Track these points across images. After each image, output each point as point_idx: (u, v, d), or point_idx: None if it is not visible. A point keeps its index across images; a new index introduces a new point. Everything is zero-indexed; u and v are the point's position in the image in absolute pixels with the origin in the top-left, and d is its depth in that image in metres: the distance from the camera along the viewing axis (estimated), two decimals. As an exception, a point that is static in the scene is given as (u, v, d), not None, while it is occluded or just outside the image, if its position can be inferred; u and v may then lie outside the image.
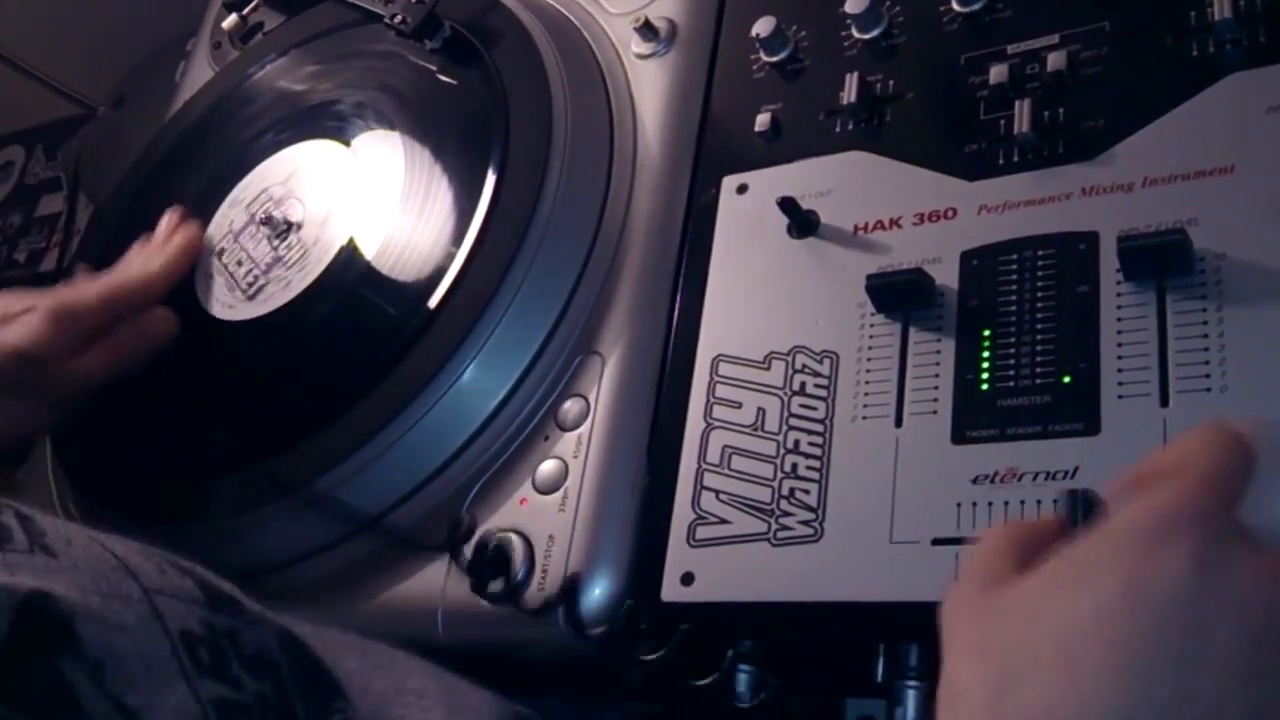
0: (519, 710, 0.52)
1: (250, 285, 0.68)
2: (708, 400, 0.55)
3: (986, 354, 0.50)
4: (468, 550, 0.55)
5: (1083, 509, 0.38)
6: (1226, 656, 0.31)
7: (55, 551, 0.39)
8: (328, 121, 0.73)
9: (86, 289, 0.67)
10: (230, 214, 0.73)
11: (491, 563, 0.53)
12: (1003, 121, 0.55)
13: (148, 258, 0.71)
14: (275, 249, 0.69)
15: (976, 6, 0.59)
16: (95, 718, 0.35)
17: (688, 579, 0.51)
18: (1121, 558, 0.33)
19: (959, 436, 0.49)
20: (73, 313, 0.65)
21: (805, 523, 0.50)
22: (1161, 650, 0.31)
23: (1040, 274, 0.50)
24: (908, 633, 0.47)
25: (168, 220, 0.73)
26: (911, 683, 0.49)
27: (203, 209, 0.75)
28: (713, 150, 0.64)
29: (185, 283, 0.70)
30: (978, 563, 0.38)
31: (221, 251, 0.72)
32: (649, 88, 0.67)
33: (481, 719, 0.50)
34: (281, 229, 0.69)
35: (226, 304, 0.69)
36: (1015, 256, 0.51)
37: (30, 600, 0.36)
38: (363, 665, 0.49)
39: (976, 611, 0.35)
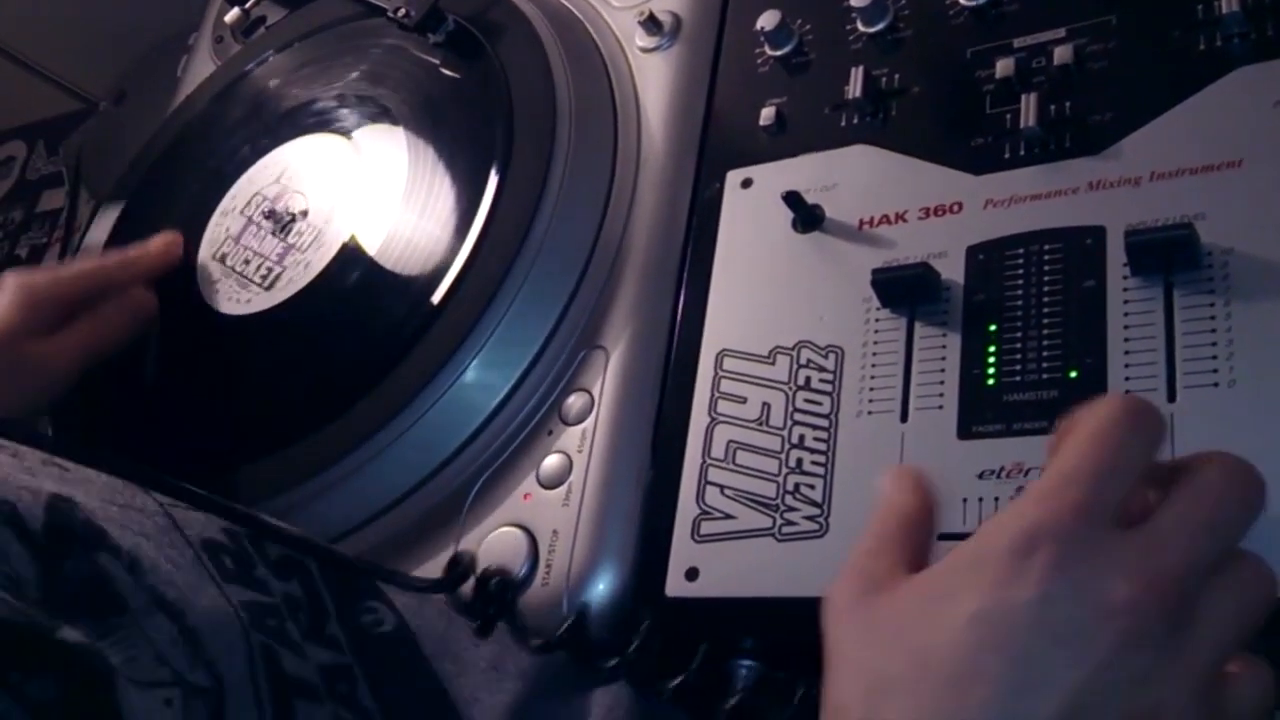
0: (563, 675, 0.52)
1: (266, 276, 0.68)
2: (712, 395, 0.55)
3: (992, 349, 0.50)
4: (467, 589, 0.53)
5: None
6: (1062, 687, 0.30)
7: (65, 466, 0.39)
8: (330, 116, 0.73)
9: (61, 268, 0.67)
10: (230, 208, 0.73)
11: (496, 599, 0.52)
12: (1009, 115, 0.55)
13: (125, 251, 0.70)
14: (285, 239, 0.69)
15: (983, 0, 0.59)
16: (136, 605, 0.35)
17: (692, 574, 0.51)
18: (979, 578, 0.33)
19: (965, 432, 0.48)
20: (42, 290, 0.64)
21: (810, 518, 0.50)
22: (994, 674, 0.31)
23: (1047, 269, 0.50)
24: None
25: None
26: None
27: (204, 204, 0.75)
28: (717, 144, 0.64)
29: (188, 288, 0.70)
30: (862, 555, 0.38)
31: (224, 256, 0.71)
32: (653, 82, 0.67)
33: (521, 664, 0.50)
34: (287, 220, 0.69)
35: (241, 300, 0.68)
36: (1021, 251, 0.51)
37: (56, 502, 0.36)
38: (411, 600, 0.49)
39: (853, 621, 0.36)
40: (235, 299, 0.68)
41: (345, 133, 0.71)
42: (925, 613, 0.34)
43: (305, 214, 0.69)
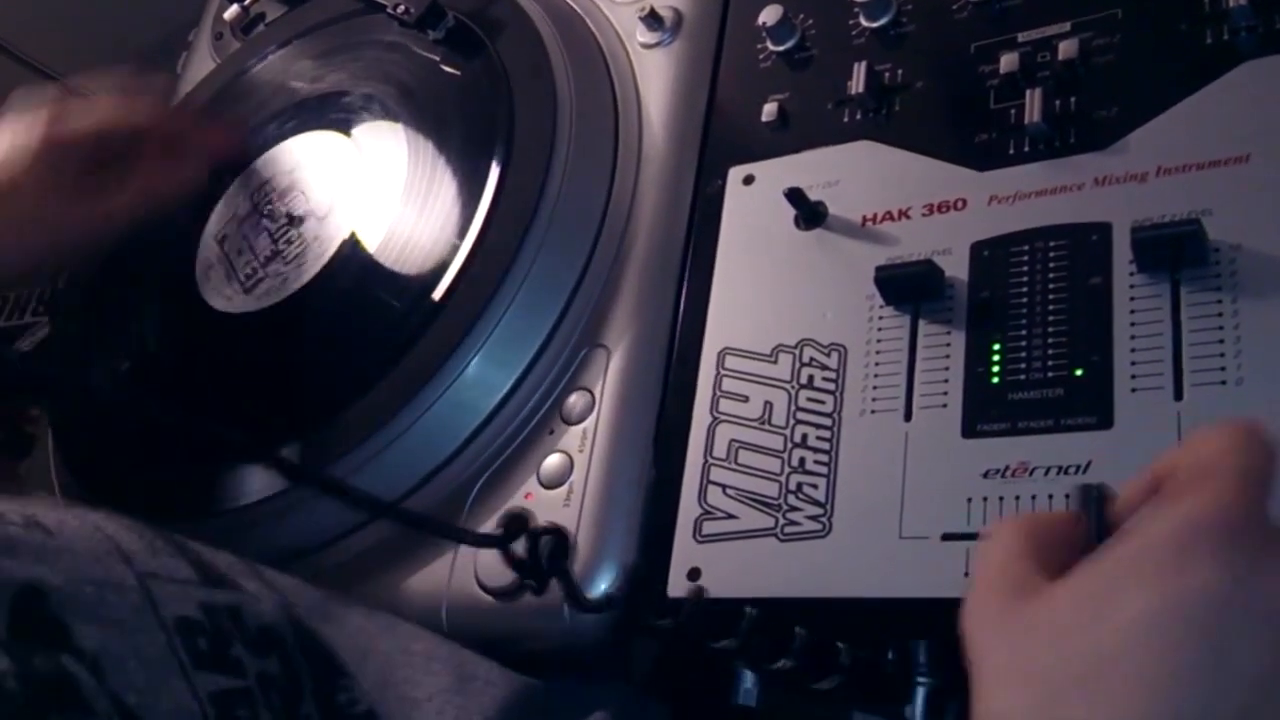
0: (528, 681, 0.52)
1: (248, 278, 0.68)
2: (714, 394, 0.54)
3: (997, 347, 0.49)
4: (519, 548, 0.52)
5: (1096, 504, 0.37)
6: (1258, 667, 0.30)
7: (50, 529, 0.38)
8: (330, 113, 0.72)
9: (77, 115, 0.63)
10: (234, 203, 0.73)
11: (551, 556, 0.51)
12: (1013, 111, 0.55)
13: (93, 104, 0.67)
14: (275, 243, 0.68)
15: (986, -6, 0.58)
16: (98, 713, 0.34)
17: (694, 574, 0.51)
18: (1150, 572, 0.32)
19: (969, 430, 0.48)
20: (71, 147, 0.62)
21: (813, 518, 0.49)
22: (1192, 665, 0.30)
23: (1052, 265, 0.50)
24: (917, 629, 0.47)
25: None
26: (920, 679, 0.49)
27: (204, 201, 0.74)
28: (719, 141, 0.63)
29: (187, 288, 0.70)
30: (995, 568, 0.36)
31: (224, 239, 0.71)
32: (654, 77, 0.66)
33: (492, 689, 0.50)
34: (283, 222, 0.69)
35: (225, 295, 0.68)
36: (1026, 248, 0.51)
37: (23, 593, 0.35)
38: (367, 624, 0.48)
39: (1005, 628, 0.34)
40: (234, 297, 0.68)
41: (345, 129, 0.71)
42: (1090, 613, 0.32)
43: (305, 211, 0.69)
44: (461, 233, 0.60)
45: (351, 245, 0.65)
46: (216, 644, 0.40)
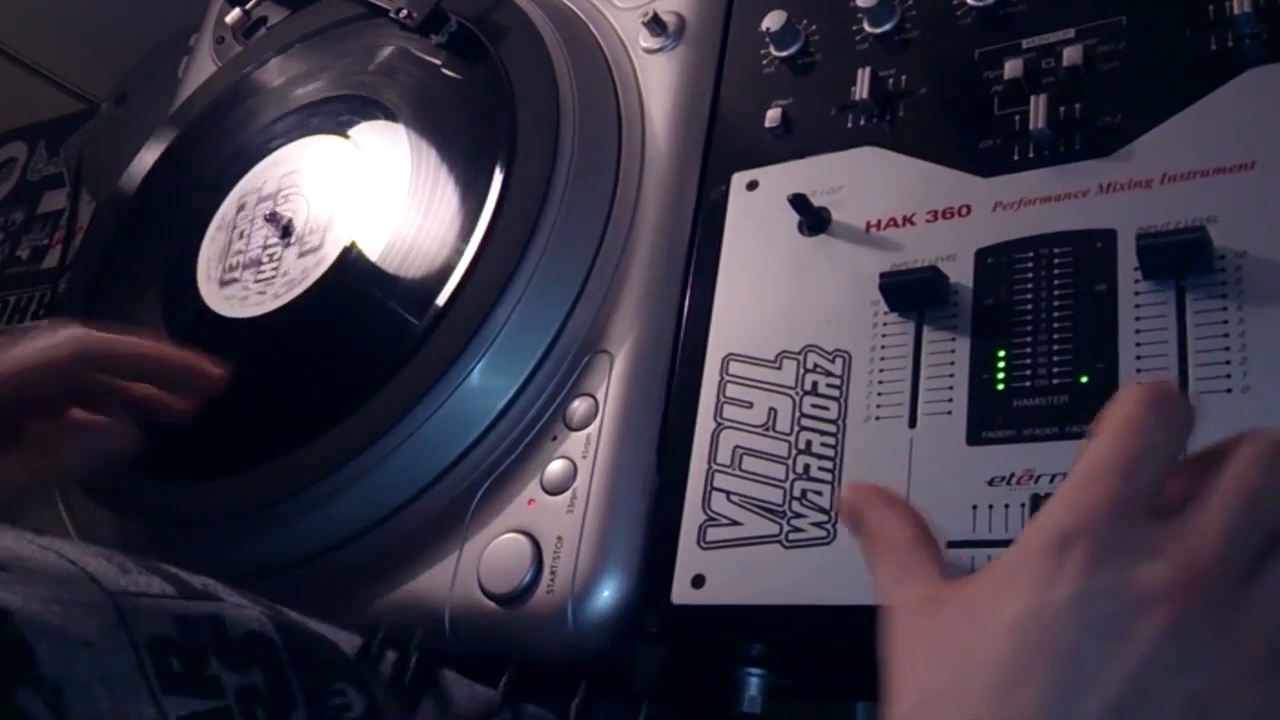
0: (532, 710, 0.51)
1: (250, 283, 0.68)
2: (718, 400, 0.54)
3: (1002, 353, 0.49)
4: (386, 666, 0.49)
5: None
6: (1109, 683, 0.30)
7: (5, 565, 0.37)
8: (332, 118, 0.72)
9: (31, 357, 0.54)
10: (236, 207, 0.73)
11: (416, 673, 0.49)
12: (1018, 117, 0.54)
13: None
14: (277, 248, 0.68)
15: (991, 0, 0.58)
16: None
17: (698, 581, 0.50)
18: (1023, 582, 0.32)
19: (974, 437, 0.48)
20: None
21: (818, 524, 0.49)
22: (1038, 676, 0.30)
23: (1057, 272, 0.50)
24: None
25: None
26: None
27: (204, 205, 0.74)
28: (722, 146, 0.63)
29: (191, 291, 0.70)
30: (894, 584, 0.37)
31: (226, 244, 0.71)
32: (657, 83, 0.66)
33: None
34: (285, 227, 0.68)
35: (228, 300, 0.68)
36: (1031, 254, 0.51)
37: None
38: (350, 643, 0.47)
39: (908, 639, 0.35)
40: (237, 302, 0.68)
41: (347, 135, 0.71)
42: (970, 621, 0.33)
43: (307, 217, 0.69)
44: (465, 238, 0.60)
45: (354, 251, 0.65)
46: (191, 662, 0.38)
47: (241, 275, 0.69)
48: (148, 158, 0.83)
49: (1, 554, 0.38)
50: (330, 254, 0.65)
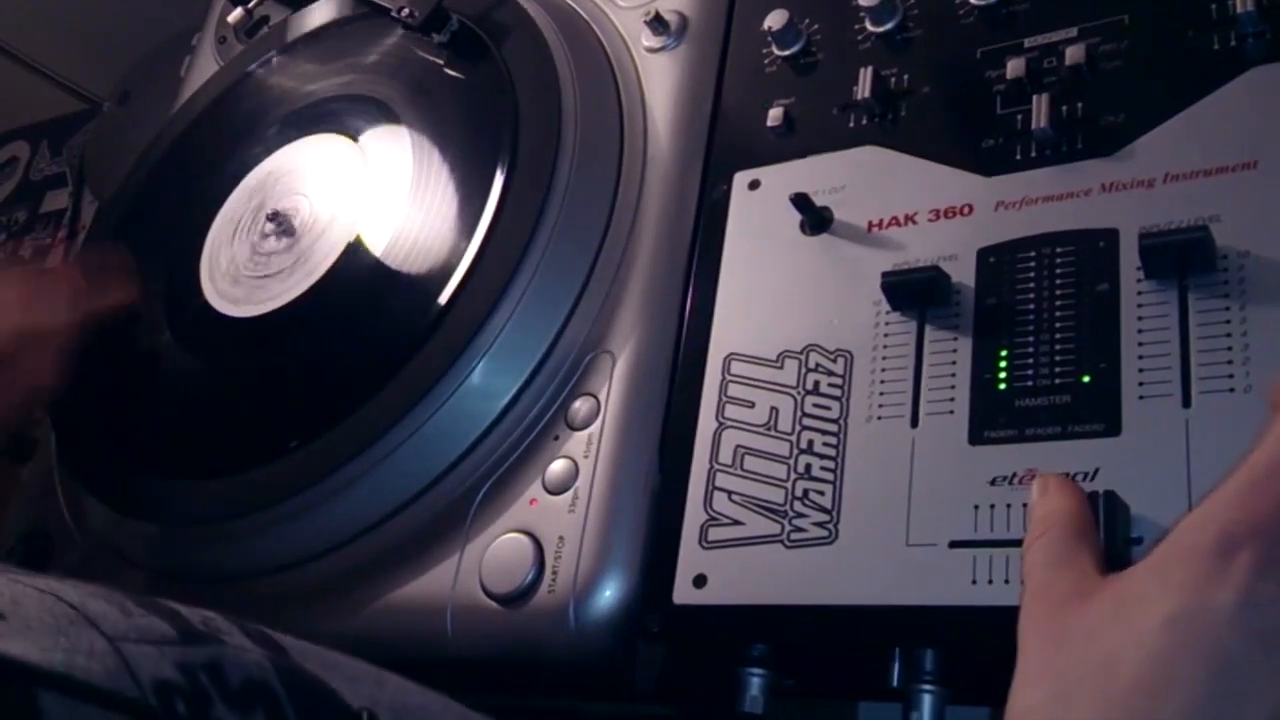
0: None
1: (254, 282, 0.68)
2: (720, 399, 0.54)
3: (1004, 353, 0.49)
4: None
5: (1105, 512, 0.37)
6: (1270, 698, 0.29)
7: (3, 613, 0.36)
8: (334, 117, 0.72)
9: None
10: (239, 207, 0.73)
11: None
12: (1020, 116, 0.54)
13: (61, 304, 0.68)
14: (279, 247, 0.68)
15: (993, -1, 0.58)
16: None
17: (700, 581, 0.50)
18: (1178, 581, 0.31)
19: (977, 437, 0.48)
20: None
21: (820, 524, 0.49)
22: (1192, 679, 0.30)
23: (1059, 272, 0.50)
24: (924, 637, 0.47)
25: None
26: (927, 687, 0.49)
27: (207, 205, 0.74)
28: (724, 145, 0.63)
29: (193, 291, 0.70)
30: (1045, 571, 0.36)
31: (229, 243, 0.71)
32: (659, 82, 0.66)
33: None
34: (287, 226, 0.68)
35: (230, 299, 0.68)
36: (1033, 254, 0.51)
37: None
38: (379, 694, 0.47)
39: (1048, 631, 0.35)
40: (238, 301, 0.68)
41: (349, 134, 0.71)
42: (1117, 616, 0.32)
43: (310, 216, 0.69)
44: (466, 238, 0.60)
45: (356, 250, 0.65)
46: (195, 707, 0.38)
47: (243, 274, 0.69)
48: (149, 158, 0.83)
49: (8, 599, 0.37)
50: (332, 253, 0.65)
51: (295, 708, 0.41)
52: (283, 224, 0.69)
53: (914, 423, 0.49)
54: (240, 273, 0.69)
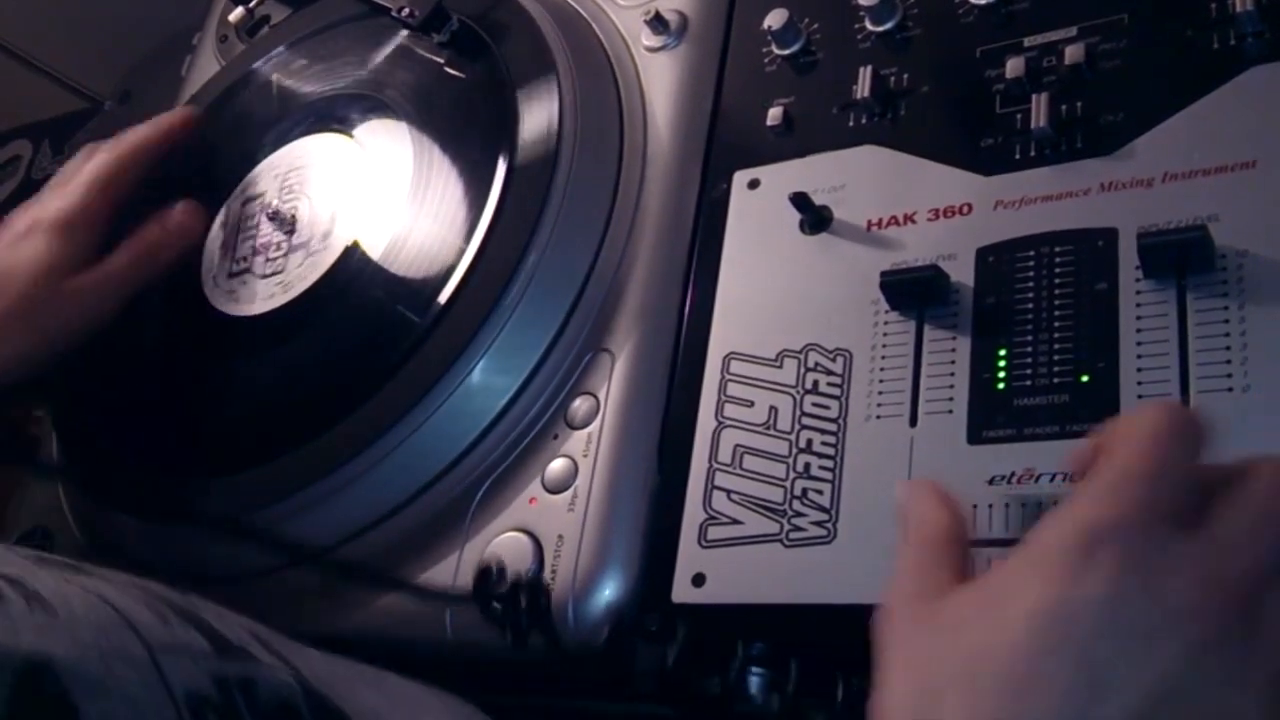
0: None
1: (253, 282, 0.68)
2: (719, 398, 0.54)
3: (1003, 352, 0.49)
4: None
5: (1034, 520, 0.37)
6: (1130, 691, 0.29)
7: (53, 609, 0.37)
8: (335, 116, 0.72)
9: (75, 186, 0.66)
10: (234, 207, 0.73)
11: (529, 609, 0.51)
12: (1019, 115, 0.54)
13: (130, 131, 0.70)
14: (279, 246, 0.68)
15: (992, -2, 0.58)
16: None
17: (699, 580, 0.50)
18: (1045, 574, 0.32)
19: (975, 436, 0.48)
20: (76, 217, 0.64)
21: (818, 523, 0.49)
22: (1056, 675, 0.30)
23: (1058, 271, 0.50)
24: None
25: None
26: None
27: (207, 203, 0.74)
28: (724, 145, 0.63)
29: (193, 289, 0.70)
30: (909, 575, 0.37)
31: (229, 242, 0.71)
32: (659, 81, 0.66)
33: None
34: (288, 225, 0.68)
35: (230, 298, 0.68)
36: (1032, 253, 0.51)
37: (28, 670, 0.33)
38: (379, 699, 0.47)
39: (910, 626, 0.35)
40: (239, 300, 0.68)
41: (350, 132, 0.71)
42: (983, 613, 0.33)
43: (309, 214, 0.69)
44: (466, 237, 0.60)
45: (356, 249, 0.65)
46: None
47: (243, 273, 0.69)
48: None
49: (48, 594, 0.38)
50: (332, 252, 0.66)
51: None
52: (283, 223, 0.69)
53: (913, 422, 0.49)
54: (239, 271, 0.69)
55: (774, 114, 0.61)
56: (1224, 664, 0.30)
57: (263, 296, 0.67)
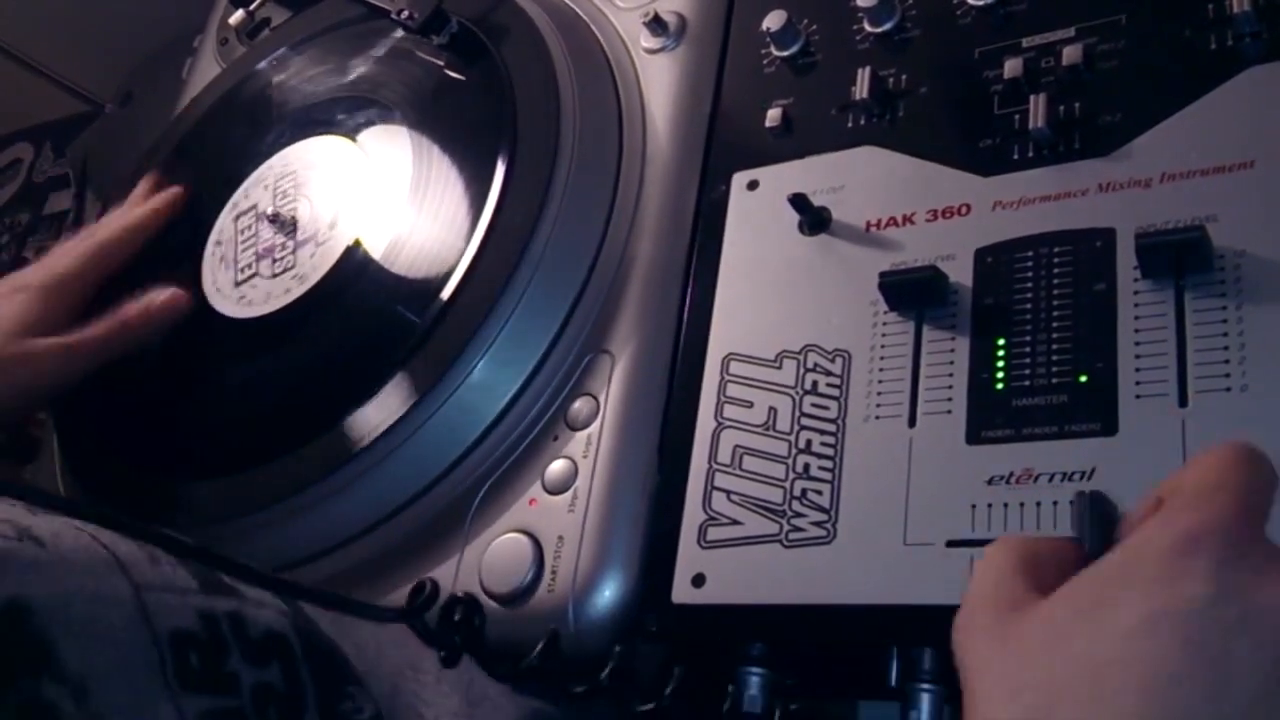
0: (538, 706, 0.51)
1: (254, 283, 0.68)
2: (718, 399, 0.54)
3: (1001, 353, 0.49)
4: (431, 617, 0.52)
5: (1089, 511, 0.37)
6: (1256, 675, 0.30)
7: (43, 541, 0.38)
8: (335, 118, 0.73)
9: (67, 254, 0.68)
10: (235, 209, 0.73)
11: (463, 626, 0.51)
12: (1017, 116, 0.54)
13: (124, 211, 0.72)
14: (280, 248, 0.68)
15: (991, -1, 0.58)
16: None
17: (699, 580, 0.51)
18: (1141, 582, 0.32)
19: (974, 437, 0.48)
20: (61, 283, 0.65)
21: (818, 524, 0.49)
22: (1187, 675, 0.30)
23: (1056, 271, 0.50)
24: (922, 636, 0.47)
25: (143, 183, 0.75)
26: (926, 686, 0.49)
27: (207, 205, 0.74)
28: (723, 146, 0.63)
29: (193, 291, 0.70)
30: (989, 584, 0.36)
31: (229, 244, 0.71)
32: (658, 83, 0.66)
33: (501, 714, 0.49)
34: (288, 227, 0.69)
35: (231, 300, 0.68)
36: (1031, 254, 0.51)
37: (5, 611, 0.34)
38: (375, 636, 0.48)
39: (997, 642, 0.34)
40: (240, 300, 0.68)
41: (350, 135, 0.71)
42: (1086, 622, 0.32)
43: (310, 215, 0.69)
44: (466, 238, 0.60)
45: (357, 250, 0.65)
46: (211, 658, 0.39)
47: (244, 275, 0.69)
48: (151, 159, 0.83)
49: (40, 530, 0.38)
50: (333, 253, 0.66)
51: (310, 668, 0.42)
52: (284, 225, 0.69)
53: (912, 422, 0.50)
54: (240, 274, 0.69)
55: (773, 115, 0.61)
56: None
57: (263, 298, 0.67)
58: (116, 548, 0.40)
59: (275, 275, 0.67)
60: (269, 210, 0.70)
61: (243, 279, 0.69)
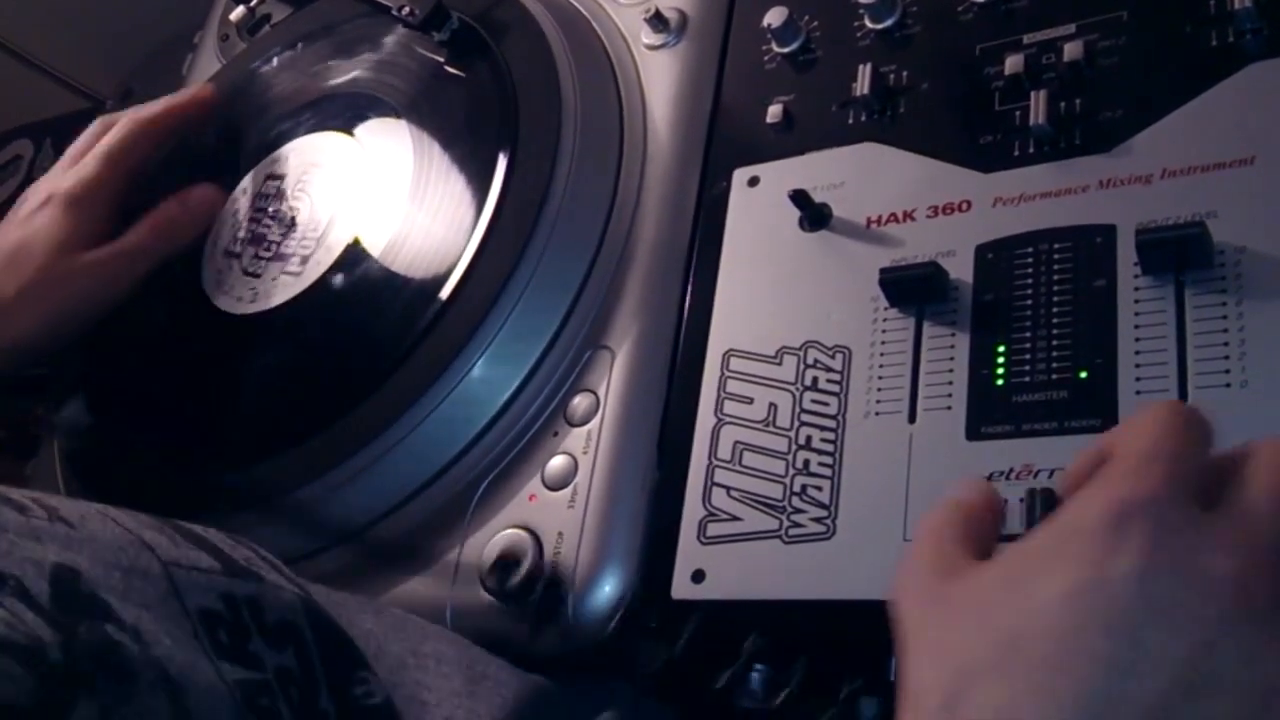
0: (538, 681, 0.52)
1: (255, 279, 0.68)
2: (719, 395, 0.54)
3: (1001, 349, 0.49)
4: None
5: (1041, 509, 0.37)
6: (1176, 659, 0.29)
7: (72, 523, 0.39)
8: (335, 114, 0.73)
9: (88, 163, 0.66)
10: (240, 204, 0.73)
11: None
12: (1018, 112, 0.55)
13: (139, 108, 0.70)
14: (281, 244, 0.68)
15: (991, -4, 0.58)
16: (143, 682, 0.34)
17: (698, 576, 0.51)
18: (1074, 552, 0.32)
19: (974, 433, 0.48)
20: (89, 191, 0.64)
21: (817, 520, 0.49)
22: (1106, 648, 0.30)
23: (1056, 267, 0.50)
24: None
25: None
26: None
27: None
28: (724, 142, 0.63)
29: (194, 286, 0.70)
30: (928, 548, 0.37)
31: (230, 240, 0.71)
32: (659, 79, 0.66)
33: (503, 690, 0.50)
34: (289, 223, 0.69)
35: (231, 296, 0.68)
36: (1031, 250, 0.51)
37: (61, 570, 0.35)
38: (378, 625, 0.48)
39: (930, 607, 0.35)
40: (240, 297, 0.68)
41: (350, 131, 0.71)
42: (1012, 592, 0.32)
43: (310, 212, 0.69)
44: (467, 234, 0.60)
45: (357, 246, 0.65)
46: (236, 637, 0.40)
47: (246, 271, 0.69)
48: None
49: (66, 512, 0.39)
50: (333, 250, 0.66)
51: (320, 653, 0.42)
52: (284, 221, 0.69)
53: (912, 418, 0.50)
54: (241, 270, 0.69)
55: (774, 111, 0.61)
56: (1259, 630, 0.30)
57: (264, 294, 0.67)
58: (139, 531, 0.41)
59: (277, 270, 0.67)
60: (270, 207, 0.70)
61: (244, 275, 0.69)
